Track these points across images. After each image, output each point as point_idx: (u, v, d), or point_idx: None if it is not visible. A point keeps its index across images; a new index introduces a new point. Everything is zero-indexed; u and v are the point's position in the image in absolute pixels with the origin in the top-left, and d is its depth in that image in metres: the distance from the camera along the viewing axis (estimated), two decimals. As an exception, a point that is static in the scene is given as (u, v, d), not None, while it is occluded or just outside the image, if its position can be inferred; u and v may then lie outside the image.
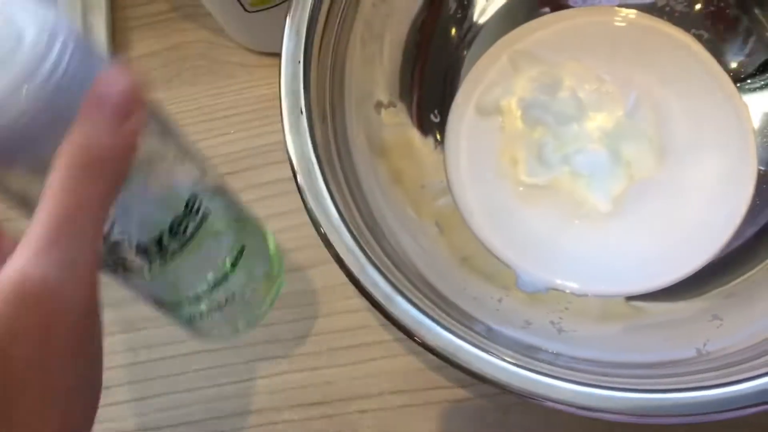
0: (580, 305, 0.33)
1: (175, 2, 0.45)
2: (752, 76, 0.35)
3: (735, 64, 0.36)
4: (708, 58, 0.36)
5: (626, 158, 0.35)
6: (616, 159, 0.35)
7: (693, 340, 0.30)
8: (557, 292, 0.34)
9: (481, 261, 0.35)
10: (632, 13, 0.37)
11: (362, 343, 0.38)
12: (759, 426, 0.33)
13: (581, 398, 0.25)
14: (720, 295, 0.32)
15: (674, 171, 0.35)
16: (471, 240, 0.36)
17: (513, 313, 0.33)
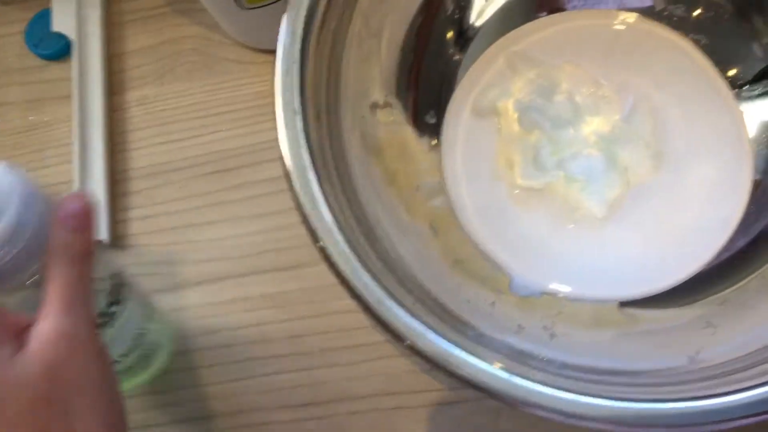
0: (573, 310, 0.33)
1: (170, -3, 0.44)
2: (749, 84, 0.35)
3: (733, 72, 0.35)
4: (706, 64, 0.36)
5: (623, 163, 0.35)
6: (612, 164, 0.35)
7: (686, 348, 0.30)
8: (550, 297, 0.34)
9: (475, 264, 0.35)
10: (631, 17, 0.37)
11: (354, 344, 0.38)
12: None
13: (570, 406, 0.25)
14: (714, 303, 0.32)
15: (670, 176, 0.35)
16: (465, 242, 0.36)
17: (506, 317, 0.33)
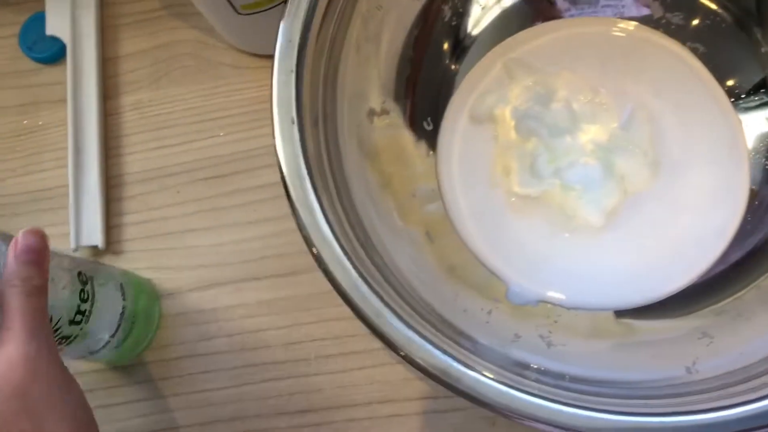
0: (570, 319, 0.33)
1: (165, 0, 0.44)
2: (747, 95, 0.35)
3: (731, 82, 0.35)
4: (704, 72, 0.36)
5: (619, 172, 0.35)
6: (610, 173, 0.35)
7: (682, 359, 0.30)
8: (547, 305, 0.34)
9: (470, 271, 0.35)
10: (629, 25, 0.37)
11: (351, 351, 0.38)
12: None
13: (568, 419, 0.25)
14: (710, 314, 0.32)
15: (667, 185, 0.35)
16: (460, 249, 0.36)
17: (503, 326, 0.33)
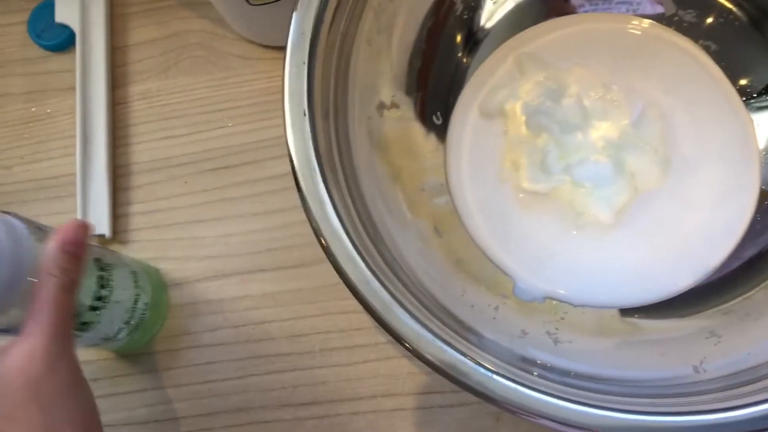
0: (576, 317, 0.33)
1: (176, -11, 0.44)
2: (759, 95, 0.35)
3: (744, 81, 0.35)
4: (715, 70, 0.35)
5: (630, 169, 0.35)
6: (620, 170, 0.35)
7: (689, 357, 0.30)
8: (554, 302, 0.34)
9: (477, 266, 0.35)
10: (642, 22, 0.37)
11: (356, 345, 0.38)
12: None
13: (574, 416, 0.25)
14: (718, 313, 0.32)
15: (677, 183, 0.35)
16: (467, 244, 0.36)
17: (510, 322, 0.33)
